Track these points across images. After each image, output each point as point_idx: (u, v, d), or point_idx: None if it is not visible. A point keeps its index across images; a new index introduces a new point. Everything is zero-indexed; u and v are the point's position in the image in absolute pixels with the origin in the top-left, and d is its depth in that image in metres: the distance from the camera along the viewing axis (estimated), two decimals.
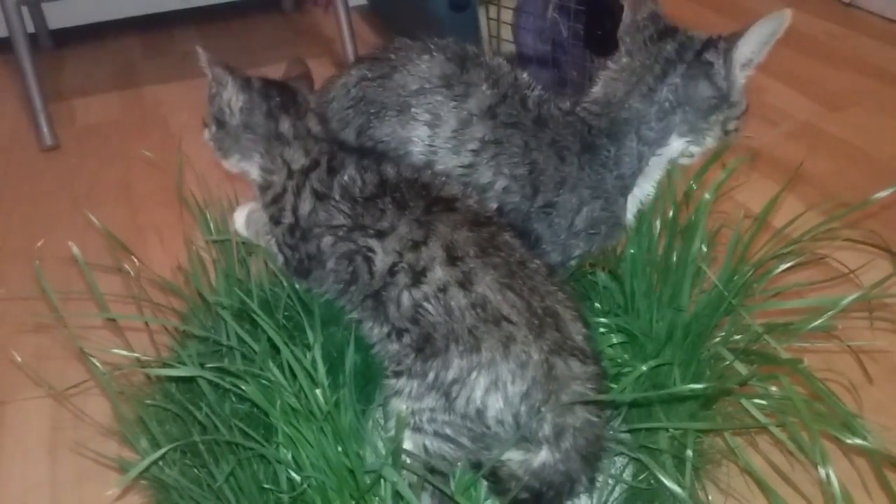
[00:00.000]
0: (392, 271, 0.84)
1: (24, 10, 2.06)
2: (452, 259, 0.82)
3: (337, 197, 0.90)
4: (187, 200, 1.11)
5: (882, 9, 2.29)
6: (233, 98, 0.99)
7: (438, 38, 1.12)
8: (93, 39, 2.48)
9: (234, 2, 2.56)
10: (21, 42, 1.89)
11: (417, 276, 0.82)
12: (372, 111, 1.01)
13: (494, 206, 0.96)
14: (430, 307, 0.81)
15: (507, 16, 1.91)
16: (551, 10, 1.85)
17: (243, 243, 1.11)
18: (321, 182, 0.91)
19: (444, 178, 0.92)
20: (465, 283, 0.81)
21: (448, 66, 1.00)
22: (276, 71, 2.24)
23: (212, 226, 1.12)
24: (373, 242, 0.86)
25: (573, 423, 0.80)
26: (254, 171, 0.98)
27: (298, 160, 0.94)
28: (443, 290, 0.81)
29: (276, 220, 0.95)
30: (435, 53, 1.01)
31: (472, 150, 0.97)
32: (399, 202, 0.87)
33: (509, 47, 1.91)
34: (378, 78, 1.02)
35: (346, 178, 0.90)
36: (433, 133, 0.98)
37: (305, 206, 0.92)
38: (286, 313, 1.03)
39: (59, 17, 2.43)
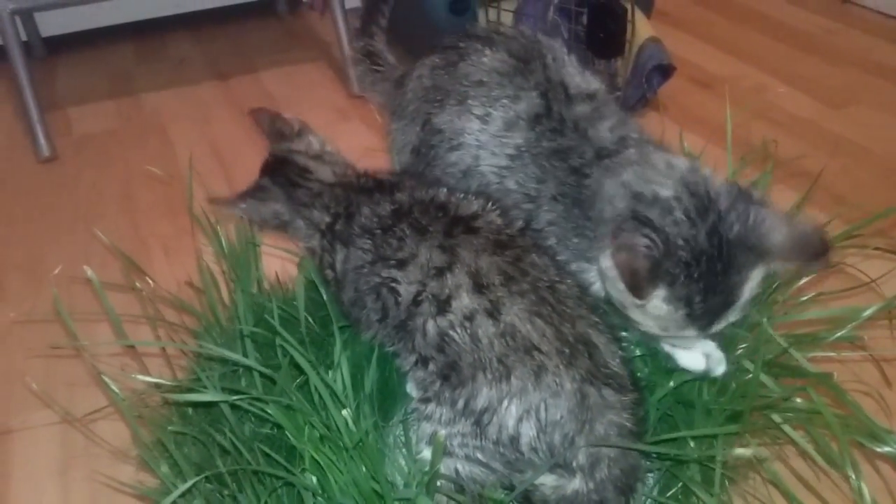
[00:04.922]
0: (416, 301, 0.82)
1: (17, 18, 2.03)
2: (479, 287, 0.80)
3: (358, 236, 0.89)
4: (197, 216, 1.09)
5: (879, 4, 2.29)
6: (260, 211, 1.00)
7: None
8: (86, 47, 2.45)
9: (227, 6, 2.54)
10: (16, 51, 1.87)
11: (442, 305, 0.81)
12: (437, 99, 1.02)
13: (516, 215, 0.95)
14: (455, 336, 0.80)
15: (507, 19, 1.89)
16: (552, 12, 1.84)
17: (255, 245, 1.09)
18: (343, 231, 0.92)
19: (460, 195, 0.91)
20: (493, 312, 0.79)
21: (507, 63, 0.99)
22: (273, 75, 2.23)
23: (223, 240, 1.10)
24: (395, 273, 0.84)
25: (608, 452, 0.79)
26: (303, 245, 1.01)
27: (323, 220, 0.95)
28: (469, 318, 0.80)
29: (326, 281, 0.96)
30: (498, 47, 1.01)
31: (509, 155, 0.96)
32: (416, 227, 0.86)
33: None
34: (446, 66, 1.03)
35: (363, 218, 0.90)
36: (482, 128, 0.98)
37: (339, 257, 0.92)
38: (303, 328, 1.02)
39: (51, 24, 2.40)
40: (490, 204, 0.89)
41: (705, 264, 0.80)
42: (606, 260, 0.84)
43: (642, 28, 1.78)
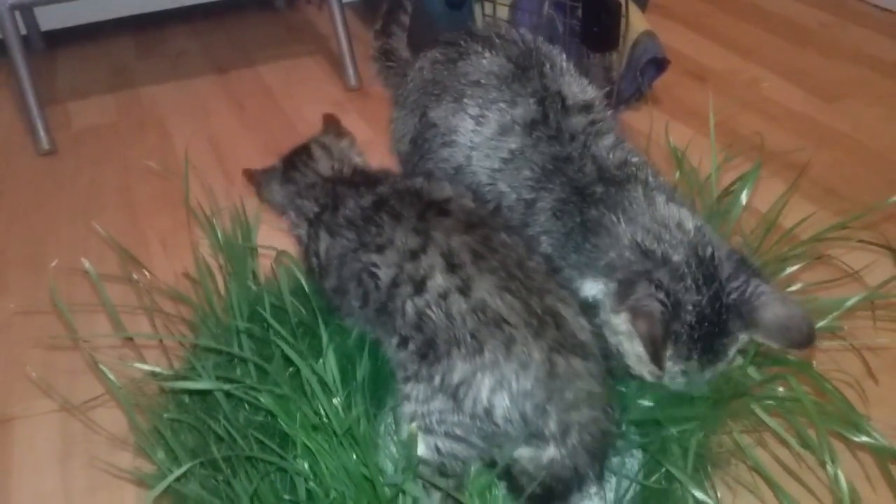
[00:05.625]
0: (395, 283, 0.86)
1: (16, 12, 2.05)
2: (452, 266, 0.84)
3: (343, 226, 0.94)
4: (194, 209, 1.11)
5: None
6: (266, 187, 1.09)
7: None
8: (85, 41, 2.47)
9: (225, 0, 2.55)
10: (15, 45, 1.88)
11: (419, 286, 0.84)
12: (435, 93, 1.04)
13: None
14: (432, 314, 0.83)
15: (503, 12, 1.91)
16: (547, 6, 1.85)
17: (250, 246, 1.12)
18: (330, 221, 0.97)
19: (436, 182, 0.95)
20: (465, 290, 0.83)
21: (505, 68, 1.01)
22: (271, 69, 2.25)
23: (219, 233, 1.12)
24: (375, 258, 0.89)
25: (578, 419, 0.82)
26: (292, 233, 1.06)
27: (312, 209, 1.00)
28: (444, 296, 0.83)
29: (310, 270, 1.00)
30: (497, 51, 1.03)
31: (503, 159, 0.97)
32: (393, 214, 0.90)
33: None
34: (446, 62, 1.05)
35: (347, 210, 0.95)
36: (476, 129, 0.99)
37: (323, 245, 0.96)
38: (294, 319, 1.04)
39: (50, 18, 2.41)
40: (462, 188, 0.94)
41: (706, 327, 0.85)
42: (618, 318, 0.87)
43: (637, 22, 1.79)
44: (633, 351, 0.88)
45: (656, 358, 0.83)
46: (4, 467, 1.11)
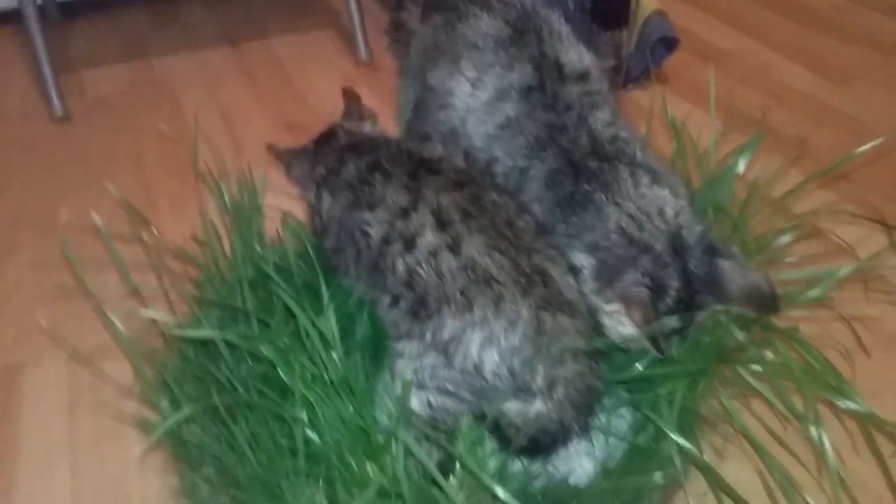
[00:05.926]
0: (386, 240, 0.88)
1: None
2: (441, 224, 0.86)
3: (343, 187, 0.96)
4: (203, 173, 1.14)
5: None
6: (295, 168, 1.09)
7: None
8: (100, 11, 2.49)
9: None
10: (31, 14, 1.91)
11: (409, 243, 0.86)
12: (434, 57, 1.05)
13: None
14: (422, 272, 0.85)
15: None
16: None
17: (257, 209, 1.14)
18: (333, 182, 0.99)
19: (429, 144, 0.97)
20: (455, 248, 0.85)
21: (503, 31, 1.01)
22: (283, 42, 2.26)
23: (226, 196, 1.15)
24: (366, 215, 0.91)
25: (564, 374, 0.84)
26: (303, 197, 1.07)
27: (320, 173, 1.02)
28: (434, 254, 0.85)
29: (314, 231, 1.03)
30: (495, 13, 1.03)
31: (498, 124, 0.98)
32: (385, 173, 0.93)
33: None
34: (445, 26, 1.06)
35: (347, 172, 0.97)
36: (473, 93, 1.00)
37: (325, 206, 0.98)
38: (298, 280, 1.07)
39: None
40: (455, 149, 0.96)
41: (681, 307, 0.88)
42: (600, 299, 0.89)
43: (648, 1, 1.79)
44: (616, 329, 0.90)
45: (656, 345, 0.86)
46: (14, 416, 1.15)
